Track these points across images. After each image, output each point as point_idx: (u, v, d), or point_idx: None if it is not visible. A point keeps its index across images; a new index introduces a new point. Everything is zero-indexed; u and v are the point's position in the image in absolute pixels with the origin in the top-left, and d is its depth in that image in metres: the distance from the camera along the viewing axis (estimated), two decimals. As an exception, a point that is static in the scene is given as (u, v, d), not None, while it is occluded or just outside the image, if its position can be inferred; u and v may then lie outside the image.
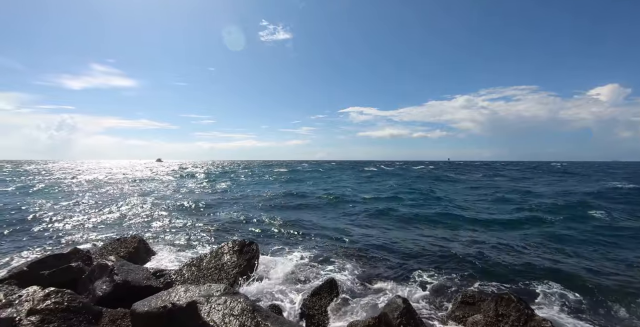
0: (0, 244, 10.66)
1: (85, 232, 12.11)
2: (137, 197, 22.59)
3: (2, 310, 4.57)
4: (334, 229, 12.02)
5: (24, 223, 13.89)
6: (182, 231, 12.01)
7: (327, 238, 10.80)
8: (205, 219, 14.06)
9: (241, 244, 7.02)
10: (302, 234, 11.40)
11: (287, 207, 17.44)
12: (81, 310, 4.50)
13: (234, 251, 6.86)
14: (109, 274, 5.67)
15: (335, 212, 15.76)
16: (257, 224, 13.11)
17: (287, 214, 15.28)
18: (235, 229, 12.23)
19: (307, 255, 8.96)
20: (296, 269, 7.74)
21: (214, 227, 12.53)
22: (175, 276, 6.37)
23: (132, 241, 8.41)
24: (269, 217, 14.11)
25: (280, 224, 12.95)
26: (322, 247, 9.78)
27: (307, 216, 14.60)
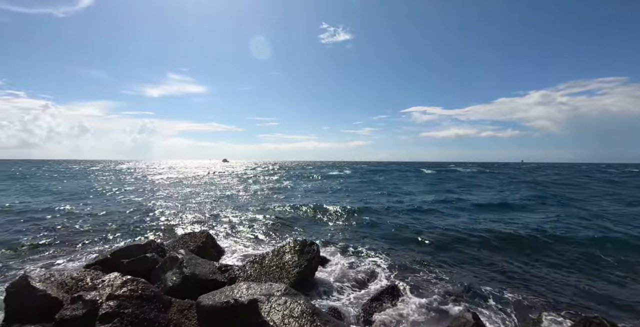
0: (93, 234, 11.93)
1: (160, 225, 13.07)
2: (205, 194, 24.00)
3: (88, 292, 5.02)
4: (399, 233, 11.62)
5: (110, 214, 15.41)
6: (246, 228, 12.42)
7: (392, 242, 10.46)
8: (268, 217, 14.43)
9: (302, 243, 7.03)
10: (365, 236, 11.18)
11: (349, 207, 17.28)
12: (153, 298, 4.77)
13: (295, 250, 6.89)
14: (178, 266, 5.99)
15: (402, 216, 15.25)
16: (319, 224, 13.14)
17: (348, 214, 15.11)
18: (297, 228, 12.38)
19: (369, 258, 8.74)
20: (357, 273, 7.58)
21: (276, 225, 12.81)
22: (239, 272, 6.54)
23: (200, 236, 8.84)
24: (331, 217, 14.09)
25: (342, 225, 12.84)
26: (387, 251, 9.48)
27: (371, 217, 14.32)
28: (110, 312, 4.25)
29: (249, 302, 4.12)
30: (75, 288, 5.81)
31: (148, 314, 4.54)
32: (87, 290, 5.22)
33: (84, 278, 6.12)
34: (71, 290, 5.75)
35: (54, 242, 10.73)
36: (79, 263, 8.46)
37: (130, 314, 4.39)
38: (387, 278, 7.37)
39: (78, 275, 6.20)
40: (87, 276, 6.22)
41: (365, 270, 7.79)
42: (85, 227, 12.93)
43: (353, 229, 12.16)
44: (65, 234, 11.89)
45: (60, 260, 8.96)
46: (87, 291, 5.10)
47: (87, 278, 6.13)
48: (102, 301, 4.61)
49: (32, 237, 11.32)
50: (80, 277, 6.12)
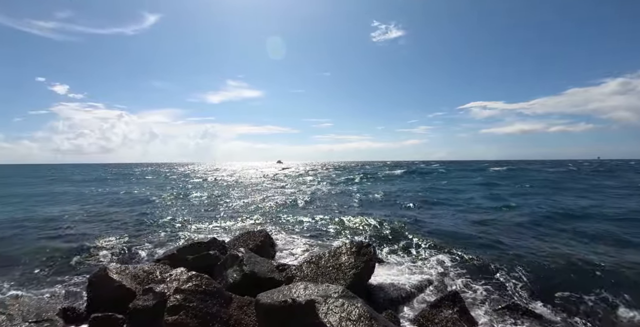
0: (162, 231, 12.83)
1: (221, 224, 13.70)
2: (262, 194, 24.73)
3: (157, 285, 5.36)
4: (463, 237, 11.05)
5: (177, 213, 16.46)
6: (302, 228, 12.59)
7: (456, 246, 9.97)
8: (322, 217, 14.50)
9: (359, 245, 6.95)
10: (425, 238, 10.75)
11: (410, 208, 16.85)
12: (215, 294, 4.98)
13: (352, 252, 6.82)
14: (239, 264, 6.20)
15: (464, 218, 14.54)
16: (375, 225, 12.94)
17: (408, 216, 14.66)
18: (353, 230, 12.29)
19: (430, 262, 8.42)
20: (415, 277, 7.34)
21: (331, 226, 12.83)
22: (296, 272, 6.62)
23: (259, 235, 9.10)
24: (387, 219, 13.80)
25: (400, 226, 12.47)
26: (450, 255, 9.05)
27: (430, 218, 13.84)
28: (177, 304, 4.49)
29: (306, 303, 4.14)
30: (146, 280, 6.25)
31: (211, 308, 4.74)
32: (157, 283, 5.57)
33: (154, 271, 6.57)
34: (143, 282, 6.19)
35: (129, 236, 11.69)
36: (150, 257, 9.10)
37: (195, 308, 4.60)
38: (448, 284, 7.06)
39: (149, 268, 6.66)
40: (156, 269, 6.67)
41: (424, 274, 7.53)
42: (155, 223, 13.93)
43: (411, 231, 11.78)
44: (138, 230, 12.92)
45: (133, 254, 9.73)
46: (156, 284, 5.44)
47: (156, 272, 6.57)
48: (169, 294, 4.89)
49: (111, 232, 12.45)
50: (151, 271, 6.57)
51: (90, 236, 11.96)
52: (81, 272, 8.02)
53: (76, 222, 14.63)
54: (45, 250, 10.06)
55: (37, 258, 9.28)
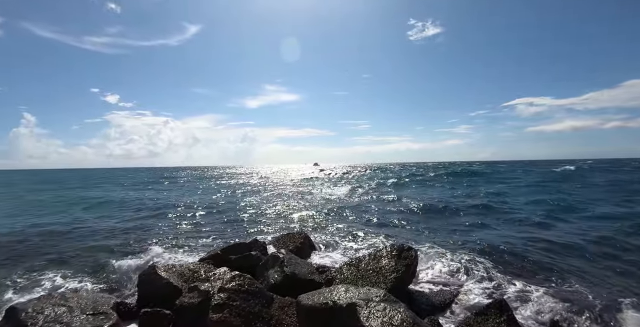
0: (206, 231, 13.31)
1: (262, 225, 13.97)
2: (301, 197, 24.97)
3: (202, 283, 5.54)
4: (511, 241, 10.53)
5: (220, 214, 16.99)
6: (341, 230, 12.55)
7: (502, 250, 9.51)
8: (361, 220, 14.39)
9: (400, 248, 6.82)
10: (470, 242, 10.34)
11: (454, 211, 16.32)
12: (257, 294, 5.07)
13: (392, 255, 6.71)
14: (280, 265, 6.28)
15: (512, 220, 13.85)
16: (416, 229, 12.64)
17: (453, 220, 14.16)
18: (393, 232, 12.07)
19: (476, 268, 8.08)
20: (460, 282, 7.09)
21: (371, 228, 12.69)
22: (335, 274, 6.61)
23: (298, 236, 9.17)
24: (430, 222, 13.46)
25: (444, 231, 12.05)
26: (496, 261, 8.65)
27: (479, 223, 13.31)
28: (221, 303, 4.62)
29: (347, 306, 4.11)
30: (191, 279, 6.48)
31: (253, 308, 4.84)
32: (201, 281, 5.76)
33: (199, 270, 6.80)
34: (188, 280, 6.42)
35: (174, 236, 12.23)
36: (194, 257, 9.43)
37: (238, 307, 4.71)
38: (495, 292, 6.75)
39: (194, 267, 6.91)
40: (201, 268, 6.90)
41: (470, 281, 7.25)
42: (200, 224, 14.46)
43: (456, 237, 11.37)
44: (183, 230, 13.47)
45: (179, 253, 10.13)
46: (201, 282, 5.62)
47: (201, 270, 6.80)
48: (213, 292, 5.04)
49: (158, 232, 13.08)
50: (196, 270, 6.81)
51: (140, 236, 12.65)
52: (132, 270, 8.46)
53: (127, 222, 15.52)
54: (101, 248, 10.79)
55: (93, 255, 9.94)
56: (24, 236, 12.84)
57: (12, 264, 9.24)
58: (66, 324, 4.32)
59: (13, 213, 19.26)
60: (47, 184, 49.29)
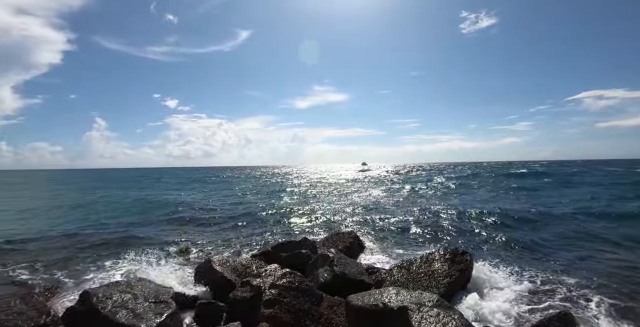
0: (258, 228, 13.72)
1: (311, 224, 14.11)
2: (350, 196, 24.88)
3: (254, 278, 5.70)
4: (581, 250, 9.71)
5: (271, 212, 17.43)
6: (391, 231, 12.31)
7: (570, 261, 8.79)
8: (411, 221, 14.03)
9: (453, 252, 6.56)
10: (534, 251, 9.59)
11: (507, 214, 15.34)
12: (307, 291, 5.12)
13: (445, 259, 6.46)
14: (329, 264, 6.29)
15: (579, 224, 12.70)
16: (471, 231, 12.02)
17: (514, 225, 13.14)
18: (446, 236, 11.61)
19: (533, 275, 7.56)
20: (517, 291, 6.66)
21: (422, 230, 12.29)
22: (386, 276, 6.49)
23: (348, 236, 9.14)
24: (486, 226, 12.76)
25: (504, 236, 11.18)
26: (562, 271, 8.00)
27: (533, 225, 12.42)
28: (272, 299, 4.72)
29: (398, 309, 4.02)
30: (244, 274, 6.70)
31: (303, 305, 4.89)
32: (253, 277, 5.93)
33: (251, 266, 7.01)
34: (241, 275, 6.65)
35: (228, 232, 12.75)
36: (246, 253, 9.74)
37: (288, 303, 4.79)
38: (557, 302, 6.26)
39: (246, 263, 7.14)
40: (253, 264, 7.11)
41: (527, 289, 6.80)
42: (251, 221, 14.93)
43: (516, 242, 10.66)
44: (236, 226, 13.99)
45: (232, 248, 10.53)
46: (253, 277, 5.79)
47: (252, 266, 7.00)
48: (265, 288, 5.16)
49: (214, 228, 13.71)
50: (248, 265, 7.03)
51: (198, 231, 13.35)
52: (190, 263, 8.93)
53: (186, 219, 16.44)
54: (159, 241, 11.55)
55: (154, 247, 10.62)
56: (90, 230, 14.10)
57: (84, 254, 10.13)
58: (131, 309, 4.65)
59: (86, 211, 21.24)
60: (115, 183, 53.58)
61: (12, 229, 14.29)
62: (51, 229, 14.05)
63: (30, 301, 4.48)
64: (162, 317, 4.60)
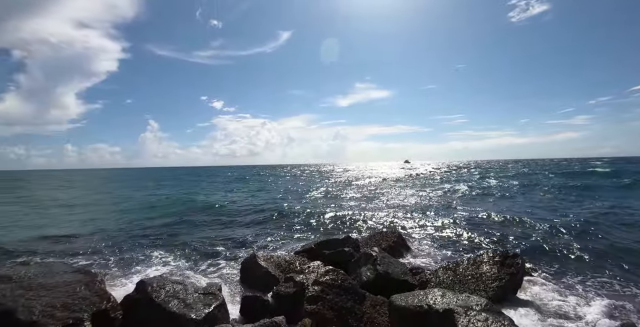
0: (301, 225, 13.92)
1: (353, 222, 14.05)
2: (390, 194, 24.49)
3: (297, 275, 5.79)
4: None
5: (313, 210, 17.59)
6: (437, 231, 11.98)
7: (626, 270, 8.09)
8: (458, 221, 13.55)
9: (503, 255, 6.27)
10: (599, 263, 8.67)
11: (575, 219, 14.33)
12: (350, 290, 5.11)
13: (495, 261, 6.19)
14: (372, 263, 6.25)
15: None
16: (524, 233, 11.36)
17: (576, 230, 12.00)
18: (495, 237, 11.10)
19: (599, 286, 7.02)
20: (575, 300, 6.23)
21: (469, 231, 11.83)
22: (430, 277, 6.33)
23: (391, 235, 9.01)
24: (542, 228, 12.01)
25: (564, 243, 10.33)
26: (620, 281, 7.40)
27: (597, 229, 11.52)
28: (315, 295, 4.77)
29: (443, 311, 3.91)
30: (287, 269, 6.82)
31: (345, 303, 4.89)
32: (297, 273, 6.02)
33: (294, 262, 7.12)
34: (284, 271, 6.77)
35: (272, 229, 13.05)
36: (289, 249, 9.91)
37: (331, 300, 4.81)
38: (621, 316, 5.79)
39: (290, 259, 7.27)
40: (296, 260, 7.22)
41: (589, 298, 6.34)
42: (294, 218, 15.15)
43: (578, 246, 9.95)
44: (280, 223, 14.27)
45: (276, 244, 10.76)
46: (296, 274, 5.88)
47: (296, 262, 7.11)
48: (308, 284, 5.23)
49: (258, 224, 14.08)
50: (291, 261, 7.15)
51: (242, 227, 13.79)
52: (236, 258, 9.25)
53: (230, 216, 17.04)
54: (208, 236, 12.12)
55: (203, 242, 11.13)
56: (143, 225, 15.01)
57: (138, 247, 10.82)
58: (182, 299, 4.89)
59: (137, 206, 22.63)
60: (166, 180, 56.49)
61: (76, 222, 15.66)
62: (109, 224, 15.20)
63: (93, 288, 4.84)
64: (210, 308, 4.80)
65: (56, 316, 4.13)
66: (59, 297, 4.50)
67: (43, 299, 4.42)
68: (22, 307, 4.15)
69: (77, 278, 5.14)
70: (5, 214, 18.71)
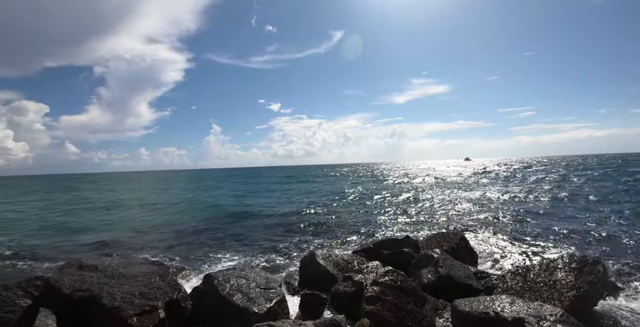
0: (359, 224, 13.89)
1: (413, 222, 13.71)
2: (451, 193, 23.44)
3: (356, 274, 5.78)
4: None
5: (372, 209, 17.45)
6: (502, 232, 11.28)
7: None
8: (527, 223, 12.64)
9: (582, 261, 5.72)
10: None
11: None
12: (410, 292, 4.99)
13: (571, 268, 5.67)
14: (434, 265, 6.04)
15: None
16: (606, 237, 10.28)
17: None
18: (571, 242, 10.15)
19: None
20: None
21: (539, 235, 10.96)
22: (497, 282, 5.97)
23: (454, 236, 8.64)
24: (628, 231, 10.79)
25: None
26: None
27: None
28: (374, 295, 4.71)
29: (512, 320, 3.66)
30: (345, 268, 6.83)
31: (405, 305, 4.77)
32: (355, 272, 6.01)
33: (352, 261, 7.11)
34: (343, 270, 6.79)
35: (330, 227, 13.16)
36: (347, 249, 9.92)
37: (390, 302, 4.72)
38: None
39: (348, 258, 7.26)
40: (354, 260, 7.20)
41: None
42: (351, 217, 15.14)
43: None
44: (338, 222, 14.33)
45: (333, 243, 10.83)
46: (354, 273, 5.87)
47: (354, 262, 7.09)
48: (366, 284, 5.19)
49: (316, 222, 14.27)
50: (349, 261, 7.14)
51: (300, 225, 14.06)
52: (294, 255, 9.48)
53: (288, 214, 17.47)
54: (269, 233, 12.56)
55: (264, 238, 11.55)
56: (208, 223, 15.91)
57: (205, 243, 11.52)
58: (245, 293, 5.11)
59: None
60: (228, 180, 59.22)
61: (150, 220, 17.09)
62: (178, 221, 16.42)
63: (166, 279, 5.23)
64: (271, 303, 4.96)
65: (135, 302, 4.52)
66: (137, 286, 4.92)
67: (123, 287, 4.87)
68: (106, 294, 4.60)
69: (152, 269, 5.58)
70: (95, 214, 21.01)
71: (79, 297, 4.62)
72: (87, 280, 5.03)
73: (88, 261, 5.83)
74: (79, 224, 16.99)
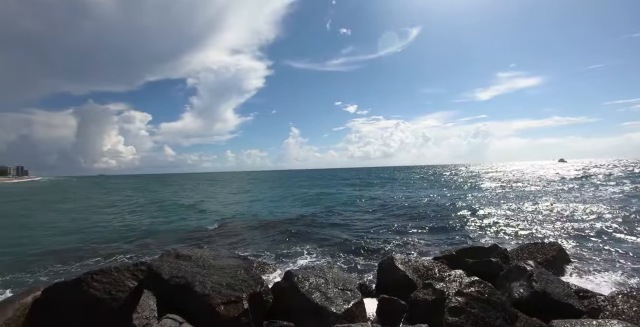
0: (440, 230, 13.31)
1: (502, 229, 12.67)
2: (544, 199, 21.12)
3: (437, 282, 5.50)
4: None
5: (456, 213, 16.59)
6: (611, 246, 9.85)
7: None
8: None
9: None
10: None
11: None
12: (499, 306, 4.60)
13: (703, 296, 4.77)
14: (527, 279, 5.49)
15: None
16: None
17: None
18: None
19: None
20: None
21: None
22: (604, 303, 5.23)
23: (550, 248, 7.81)
24: None
25: None
26: None
27: None
28: (459, 307, 4.44)
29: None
30: (425, 275, 6.55)
31: (493, 320, 4.41)
32: (436, 280, 5.72)
33: (433, 268, 6.80)
34: (422, 276, 6.53)
35: (409, 232, 12.77)
36: (425, 252, 9.53)
37: (476, 315, 4.41)
38: None
39: (428, 264, 6.96)
40: (435, 266, 6.88)
41: None
42: (432, 222, 14.54)
43: None
44: (417, 226, 13.86)
45: (412, 247, 10.49)
46: (436, 281, 5.59)
47: (435, 269, 6.78)
48: (449, 294, 4.90)
49: (395, 226, 13.98)
50: (430, 267, 6.84)
51: (378, 228, 13.90)
52: (373, 258, 9.38)
53: (366, 217, 17.36)
54: (350, 234, 12.70)
55: (341, 241, 11.65)
56: (290, 221, 16.48)
57: (286, 241, 11.97)
58: (323, 293, 5.17)
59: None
60: (310, 181, 60.74)
61: (237, 215, 18.30)
62: (262, 217, 17.33)
63: (250, 273, 5.53)
64: (349, 305, 4.95)
65: (222, 292, 4.84)
66: (225, 277, 5.27)
67: (213, 277, 5.25)
68: (198, 282, 5.00)
69: (237, 263, 5.93)
70: (189, 212, 23.14)
71: (175, 283, 5.10)
72: (183, 268, 5.52)
73: (183, 251, 6.40)
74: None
